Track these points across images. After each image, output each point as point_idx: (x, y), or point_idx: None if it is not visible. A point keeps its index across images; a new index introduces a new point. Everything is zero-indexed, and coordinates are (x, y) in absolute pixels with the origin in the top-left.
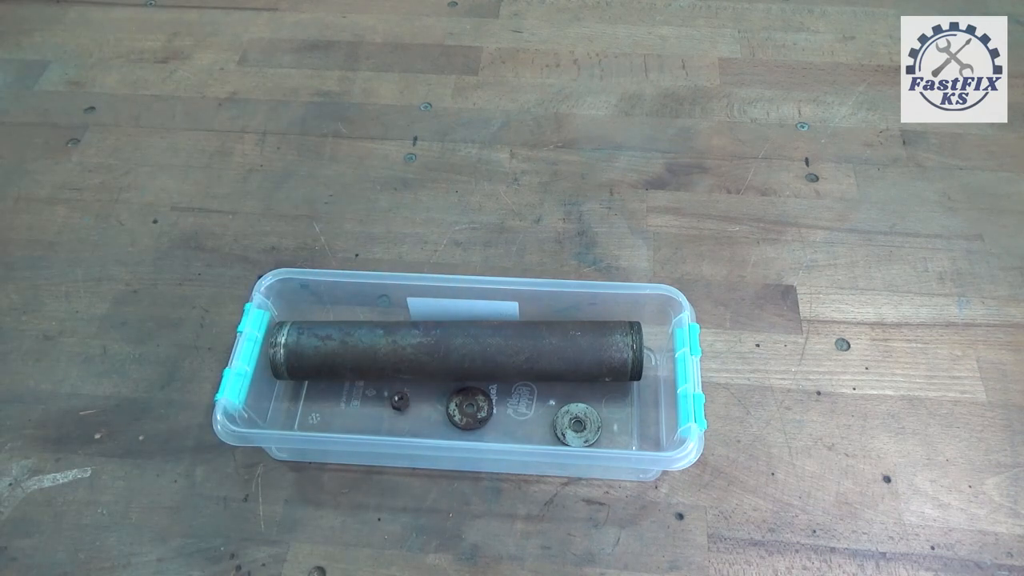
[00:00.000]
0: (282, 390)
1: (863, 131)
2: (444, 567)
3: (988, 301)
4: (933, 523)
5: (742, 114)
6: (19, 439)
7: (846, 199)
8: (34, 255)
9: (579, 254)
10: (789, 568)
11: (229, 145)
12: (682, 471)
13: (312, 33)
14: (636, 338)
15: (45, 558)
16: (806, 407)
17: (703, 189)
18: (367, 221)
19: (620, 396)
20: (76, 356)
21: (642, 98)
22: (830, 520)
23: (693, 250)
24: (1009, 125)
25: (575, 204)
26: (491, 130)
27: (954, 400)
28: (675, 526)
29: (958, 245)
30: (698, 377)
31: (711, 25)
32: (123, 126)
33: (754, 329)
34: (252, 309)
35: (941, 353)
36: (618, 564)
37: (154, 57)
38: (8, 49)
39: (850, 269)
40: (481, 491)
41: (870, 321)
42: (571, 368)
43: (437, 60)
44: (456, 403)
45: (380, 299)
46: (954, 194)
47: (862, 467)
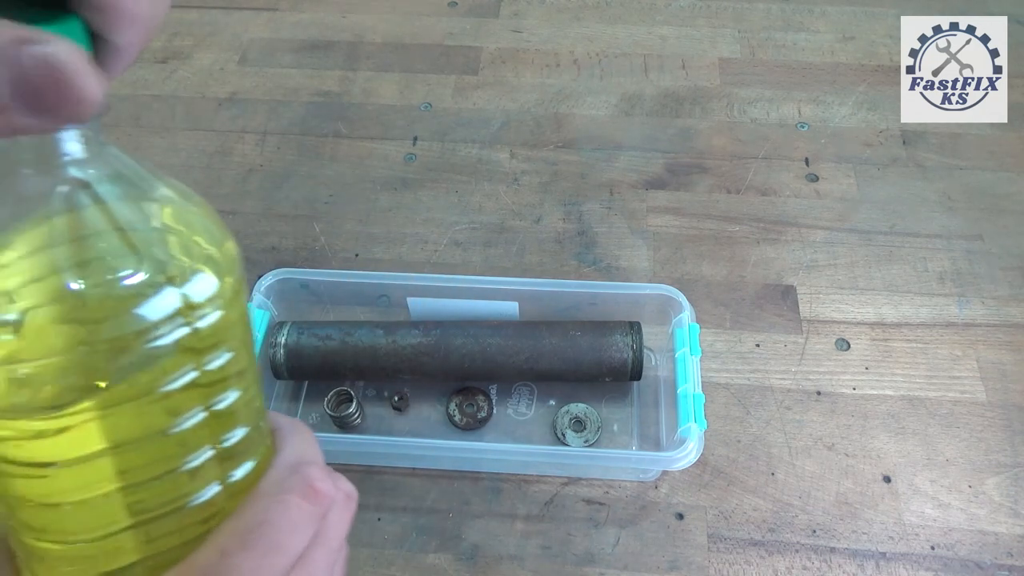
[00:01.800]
0: (282, 390)
1: (863, 131)
2: (444, 567)
3: (988, 301)
4: (933, 523)
5: (742, 114)
6: None
7: (846, 199)
8: None
9: (579, 254)
10: (789, 568)
11: (229, 145)
12: (682, 471)
13: (312, 33)
14: (636, 338)
15: None
16: (806, 407)
17: (703, 189)
18: (367, 221)
19: (620, 396)
20: None
21: (642, 98)
22: (830, 520)
23: (693, 250)
24: (1009, 125)
25: (575, 204)
26: (491, 130)
27: (954, 400)
28: (675, 526)
29: (958, 245)
30: (698, 377)
31: (711, 25)
32: (123, 126)
33: (754, 329)
34: (252, 309)
35: (941, 353)
36: (618, 564)
37: (154, 57)
38: None
39: (850, 269)
40: (481, 491)
41: (870, 321)
42: (571, 368)
43: (437, 60)
44: (456, 403)
45: (380, 299)
46: (954, 194)
47: (862, 467)
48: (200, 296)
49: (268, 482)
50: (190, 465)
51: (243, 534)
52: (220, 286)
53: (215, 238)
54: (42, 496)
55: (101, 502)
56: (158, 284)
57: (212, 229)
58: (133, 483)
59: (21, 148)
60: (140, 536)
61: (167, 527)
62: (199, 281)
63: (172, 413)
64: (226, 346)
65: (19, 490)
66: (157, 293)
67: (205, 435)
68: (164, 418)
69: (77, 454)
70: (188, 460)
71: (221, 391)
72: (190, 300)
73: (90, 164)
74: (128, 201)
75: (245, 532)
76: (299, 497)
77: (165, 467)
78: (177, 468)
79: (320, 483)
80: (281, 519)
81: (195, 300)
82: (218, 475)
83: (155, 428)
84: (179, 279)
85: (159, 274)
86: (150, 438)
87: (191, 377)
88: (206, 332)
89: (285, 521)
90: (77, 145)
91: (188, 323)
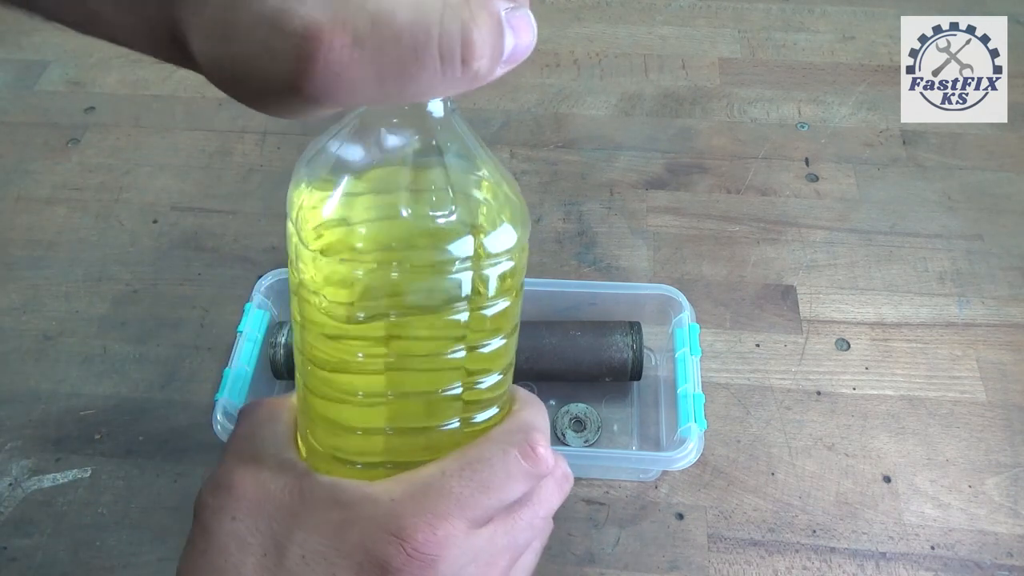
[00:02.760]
0: (282, 390)
1: (863, 131)
2: None
3: (988, 301)
4: (933, 523)
5: (742, 114)
6: (19, 439)
7: (846, 199)
8: (34, 255)
9: (579, 254)
10: (789, 568)
11: (229, 145)
12: (682, 471)
13: None
14: (636, 338)
15: (45, 558)
16: (806, 407)
17: (703, 189)
18: None
19: (620, 396)
20: (76, 356)
21: (642, 98)
22: (830, 520)
23: (693, 250)
24: (1009, 125)
25: (575, 204)
26: (491, 130)
27: (954, 400)
28: (675, 526)
29: (958, 245)
30: (698, 377)
31: (711, 25)
32: (123, 126)
33: (754, 329)
34: (252, 309)
35: (941, 353)
36: (618, 564)
37: (154, 57)
38: (8, 49)
39: (850, 269)
40: None
41: (870, 321)
42: (571, 368)
43: None
44: None
45: None
46: (954, 194)
47: (862, 467)
48: (496, 248)
49: (499, 431)
50: (442, 395)
51: (463, 463)
52: (516, 243)
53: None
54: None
55: (366, 402)
56: (463, 230)
57: (515, 206)
58: (396, 393)
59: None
60: (390, 442)
61: (411, 443)
62: (497, 235)
63: (442, 344)
64: (504, 297)
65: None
66: (461, 236)
67: (462, 373)
68: (436, 345)
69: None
70: (441, 390)
71: (487, 337)
72: (487, 249)
73: (442, 128)
74: (459, 168)
75: (465, 462)
76: (520, 453)
77: (422, 387)
78: (431, 393)
79: (542, 449)
80: (499, 464)
81: (491, 250)
82: (461, 412)
83: (425, 352)
84: (481, 231)
85: (466, 223)
86: (420, 360)
87: (466, 317)
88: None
89: (502, 467)
90: (439, 104)
91: (480, 268)
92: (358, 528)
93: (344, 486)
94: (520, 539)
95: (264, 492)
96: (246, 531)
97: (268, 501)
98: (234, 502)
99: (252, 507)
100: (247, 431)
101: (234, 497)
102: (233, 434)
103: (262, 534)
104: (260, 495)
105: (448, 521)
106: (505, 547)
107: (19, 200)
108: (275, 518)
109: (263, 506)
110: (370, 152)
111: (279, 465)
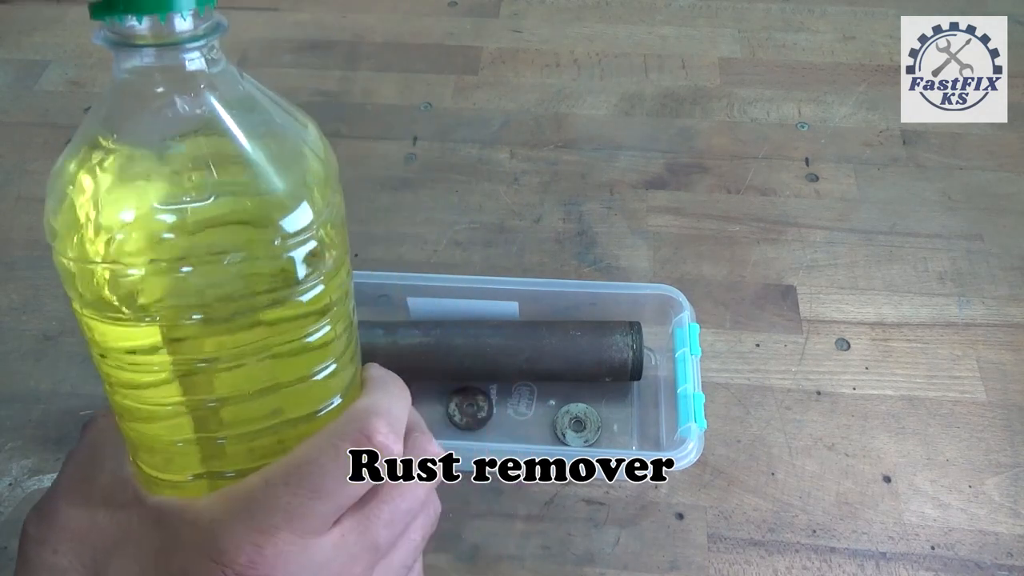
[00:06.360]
0: None
1: (863, 131)
2: (444, 567)
3: (988, 301)
4: (933, 523)
5: (742, 114)
6: (19, 439)
7: (846, 199)
8: (34, 255)
9: (579, 254)
10: (789, 568)
11: None
12: (682, 471)
13: (312, 33)
14: (636, 338)
15: None
16: (806, 407)
17: (703, 189)
18: (367, 221)
19: (620, 396)
20: (76, 356)
21: (642, 98)
22: (830, 520)
23: (693, 250)
24: (1009, 125)
25: (575, 204)
26: (491, 130)
27: (954, 400)
28: (675, 526)
29: (958, 245)
30: (698, 377)
31: (711, 25)
32: None
33: (754, 329)
34: None
35: (941, 353)
36: (618, 564)
37: None
38: (8, 49)
39: (850, 269)
40: (481, 491)
41: (870, 321)
42: (571, 368)
43: (437, 60)
44: (456, 403)
45: (380, 299)
46: (954, 194)
47: (862, 467)
48: (290, 228)
49: (329, 426)
50: (253, 395)
51: (288, 469)
52: (311, 220)
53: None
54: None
55: (171, 413)
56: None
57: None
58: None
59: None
60: (205, 451)
61: (236, 450)
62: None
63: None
64: (315, 279)
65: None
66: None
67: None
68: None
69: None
70: (252, 390)
71: (308, 325)
72: (284, 231)
73: (212, 90)
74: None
75: (291, 467)
76: (353, 446)
77: (227, 391)
78: (239, 396)
79: (380, 436)
80: (329, 463)
81: (286, 231)
82: (291, 410)
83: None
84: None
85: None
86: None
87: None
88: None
89: (333, 466)
90: (200, 62)
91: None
92: (180, 555)
93: (167, 509)
94: (381, 538)
95: (90, 521)
96: (68, 565)
97: (93, 531)
98: (56, 533)
99: (75, 538)
100: (86, 448)
101: (56, 528)
102: (71, 451)
103: (85, 568)
104: (84, 526)
105: (276, 536)
106: (362, 549)
107: (19, 200)
108: (99, 548)
109: (87, 537)
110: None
111: (112, 486)
